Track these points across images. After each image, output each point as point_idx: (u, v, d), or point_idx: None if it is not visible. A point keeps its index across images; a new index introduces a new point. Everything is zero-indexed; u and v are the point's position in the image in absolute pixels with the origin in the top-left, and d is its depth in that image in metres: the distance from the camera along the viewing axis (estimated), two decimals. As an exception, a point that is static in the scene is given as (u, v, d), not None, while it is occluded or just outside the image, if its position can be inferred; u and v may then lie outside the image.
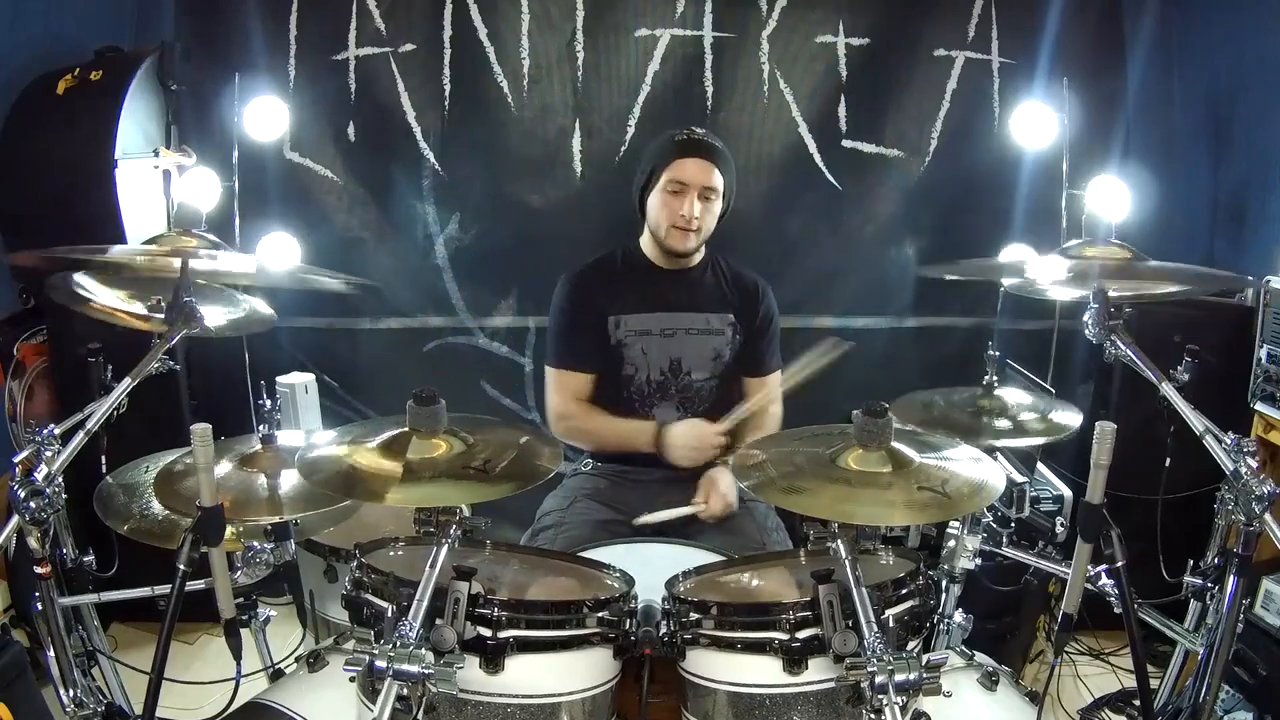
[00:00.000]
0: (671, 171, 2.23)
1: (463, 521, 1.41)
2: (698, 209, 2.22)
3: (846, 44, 2.97)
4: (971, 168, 3.04)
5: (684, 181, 2.22)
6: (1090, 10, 2.99)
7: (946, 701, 1.36)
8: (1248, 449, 1.47)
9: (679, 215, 2.23)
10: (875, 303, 3.13)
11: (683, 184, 2.22)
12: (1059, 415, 1.91)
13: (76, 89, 2.54)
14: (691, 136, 2.26)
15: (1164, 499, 2.21)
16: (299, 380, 2.81)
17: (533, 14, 2.92)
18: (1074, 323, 2.49)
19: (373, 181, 3.02)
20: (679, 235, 2.26)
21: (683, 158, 2.22)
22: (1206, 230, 3.03)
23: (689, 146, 2.24)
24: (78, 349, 2.00)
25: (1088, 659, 2.63)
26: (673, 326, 2.32)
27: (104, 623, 2.19)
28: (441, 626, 1.27)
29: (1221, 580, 1.63)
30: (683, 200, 2.22)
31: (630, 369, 2.32)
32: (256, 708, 1.55)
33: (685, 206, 2.22)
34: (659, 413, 2.33)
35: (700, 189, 2.22)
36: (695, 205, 2.22)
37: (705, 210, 2.24)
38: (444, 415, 1.47)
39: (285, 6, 2.92)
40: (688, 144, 2.24)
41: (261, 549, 1.66)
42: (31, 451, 1.51)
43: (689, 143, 2.24)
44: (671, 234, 2.26)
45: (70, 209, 2.52)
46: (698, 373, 2.33)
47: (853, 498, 1.39)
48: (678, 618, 1.45)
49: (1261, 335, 2.36)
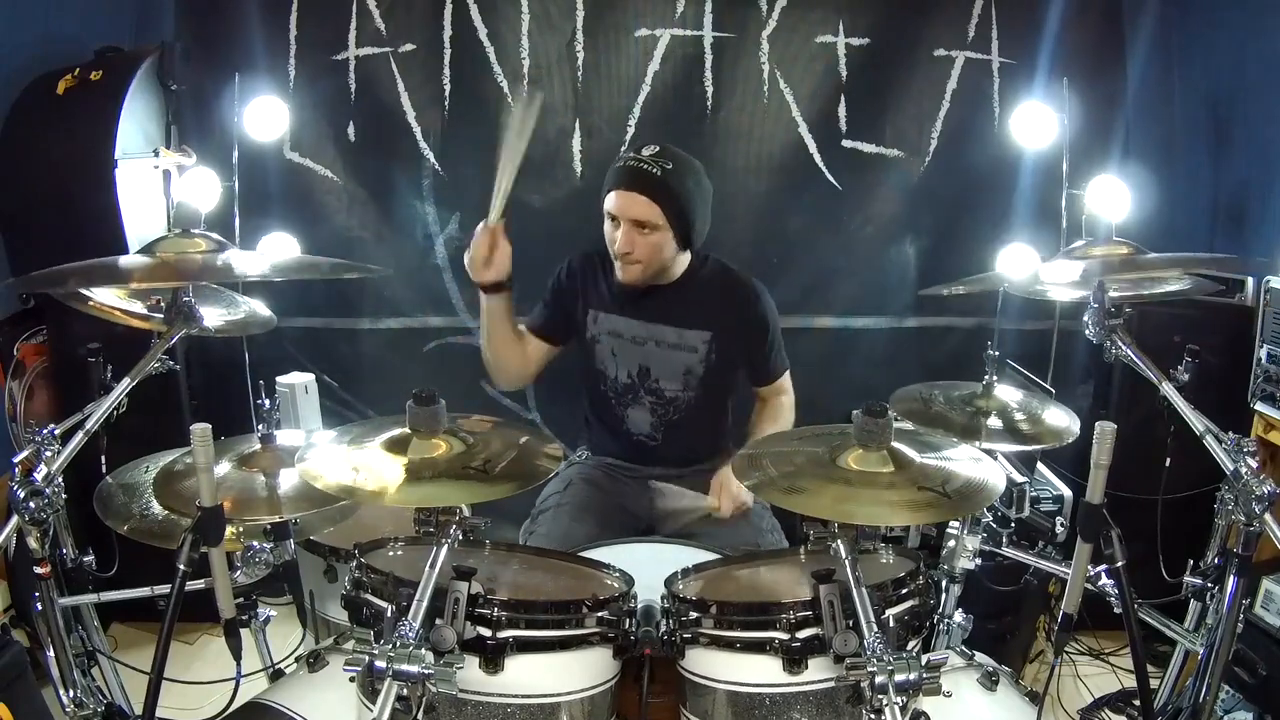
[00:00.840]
0: (609, 201, 2.12)
1: (463, 521, 1.41)
2: (634, 243, 2.09)
3: (846, 44, 2.97)
4: (971, 168, 3.03)
5: (613, 213, 2.12)
6: (1090, 10, 2.99)
7: (946, 701, 1.36)
8: (1248, 449, 1.48)
9: (615, 246, 2.14)
10: (875, 303, 3.13)
11: (613, 215, 2.12)
12: (1056, 421, 1.90)
13: (76, 89, 2.54)
14: (629, 164, 2.10)
15: (1164, 499, 2.22)
16: (299, 380, 2.81)
17: (533, 14, 2.92)
18: (1074, 323, 2.49)
19: (373, 181, 3.03)
20: (621, 267, 2.15)
21: (615, 189, 2.11)
22: (1206, 230, 3.03)
23: (622, 176, 2.10)
24: (78, 349, 2.00)
25: (1088, 659, 2.63)
26: (644, 336, 2.25)
27: (104, 623, 2.19)
28: (441, 626, 1.27)
29: (1221, 580, 1.63)
30: (617, 232, 2.12)
31: (601, 365, 2.30)
32: (256, 708, 1.55)
33: (620, 238, 2.11)
34: (633, 414, 2.30)
35: (632, 222, 2.09)
36: (631, 238, 2.09)
37: (645, 243, 2.09)
38: (444, 415, 1.47)
39: (285, 6, 2.92)
40: (621, 173, 2.10)
41: (261, 549, 1.66)
42: (31, 451, 1.51)
43: (623, 171, 2.10)
44: (617, 264, 2.16)
45: (70, 209, 2.52)
46: (667, 383, 2.27)
47: (853, 498, 1.39)
48: (677, 617, 1.45)
49: (1261, 335, 2.36)
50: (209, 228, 1.74)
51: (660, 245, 2.13)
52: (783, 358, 2.38)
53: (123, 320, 1.86)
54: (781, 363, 2.38)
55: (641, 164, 2.08)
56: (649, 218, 2.08)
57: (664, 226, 2.10)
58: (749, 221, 3.03)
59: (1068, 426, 1.87)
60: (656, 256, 2.14)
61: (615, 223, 2.13)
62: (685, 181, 2.11)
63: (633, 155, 2.11)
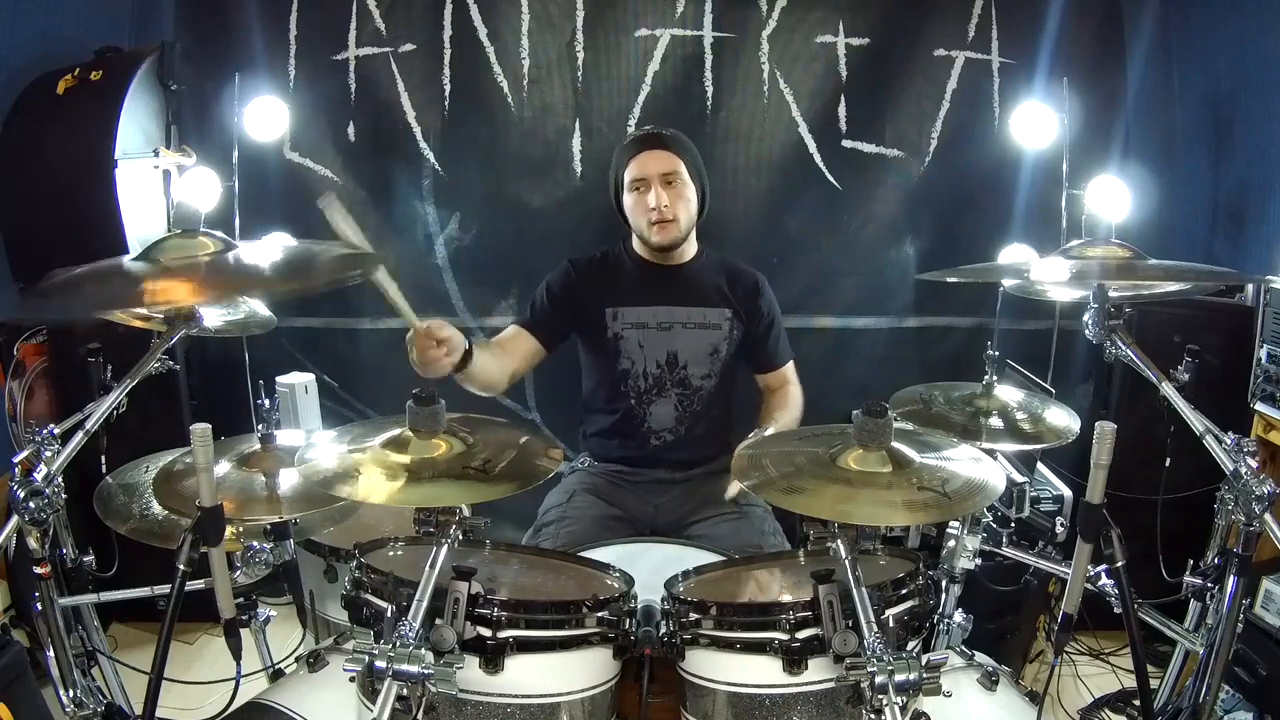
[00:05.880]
0: (631, 171, 2.26)
1: (463, 521, 1.41)
2: (665, 197, 2.23)
3: (846, 44, 2.97)
4: (971, 168, 3.04)
5: (643, 176, 2.24)
6: (1090, 10, 2.99)
7: (946, 701, 1.36)
8: (1248, 449, 1.47)
9: (650, 210, 2.23)
10: (875, 303, 3.13)
11: (643, 178, 2.24)
12: (1056, 421, 1.90)
13: (76, 89, 2.54)
14: (639, 133, 2.32)
15: (1164, 499, 2.21)
16: (299, 380, 2.81)
17: (533, 14, 2.92)
18: (1074, 323, 2.49)
19: (373, 181, 3.03)
20: (658, 230, 2.25)
21: (637, 154, 2.25)
22: (1206, 230, 3.03)
23: (639, 142, 2.28)
24: (78, 349, 2.01)
25: (1088, 659, 2.63)
26: (669, 320, 2.32)
27: (104, 623, 2.19)
28: (441, 626, 1.27)
29: (1221, 580, 1.63)
30: (648, 194, 2.24)
31: (627, 362, 2.31)
32: (256, 708, 1.54)
33: (652, 198, 2.23)
34: (657, 410, 2.32)
35: (659, 177, 2.23)
36: (662, 195, 2.22)
37: (675, 197, 2.24)
38: (444, 415, 1.47)
39: (285, 6, 2.93)
40: (638, 140, 2.29)
41: (261, 549, 1.66)
42: (31, 451, 1.51)
43: (639, 138, 2.30)
44: (651, 230, 2.26)
45: (70, 209, 2.53)
46: (694, 368, 2.32)
47: (853, 498, 1.39)
48: (677, 618, 1.45)
49: (1261, 335, 2.36)
50: (209, 228, 1.74)
51: (689, 200, 2.28)
52: (787, 345, 2.46)
53: (123, 320, 1.86)
54: (786, 350, 2.46)
55: (650, 130, 2.31)
56: (674, 168, 2.24)
57: (687, 180, 2.26)
58: (749, 221, 3.03)
59: (1068, 426, 1.87)
60: (687, 211, 2.28)
61: (642, 188, 2.25)
62: (688, 142, 2.32)
63: (634, 132, 2.31)
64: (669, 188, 2.24)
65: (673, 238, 2.27)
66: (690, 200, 2.27)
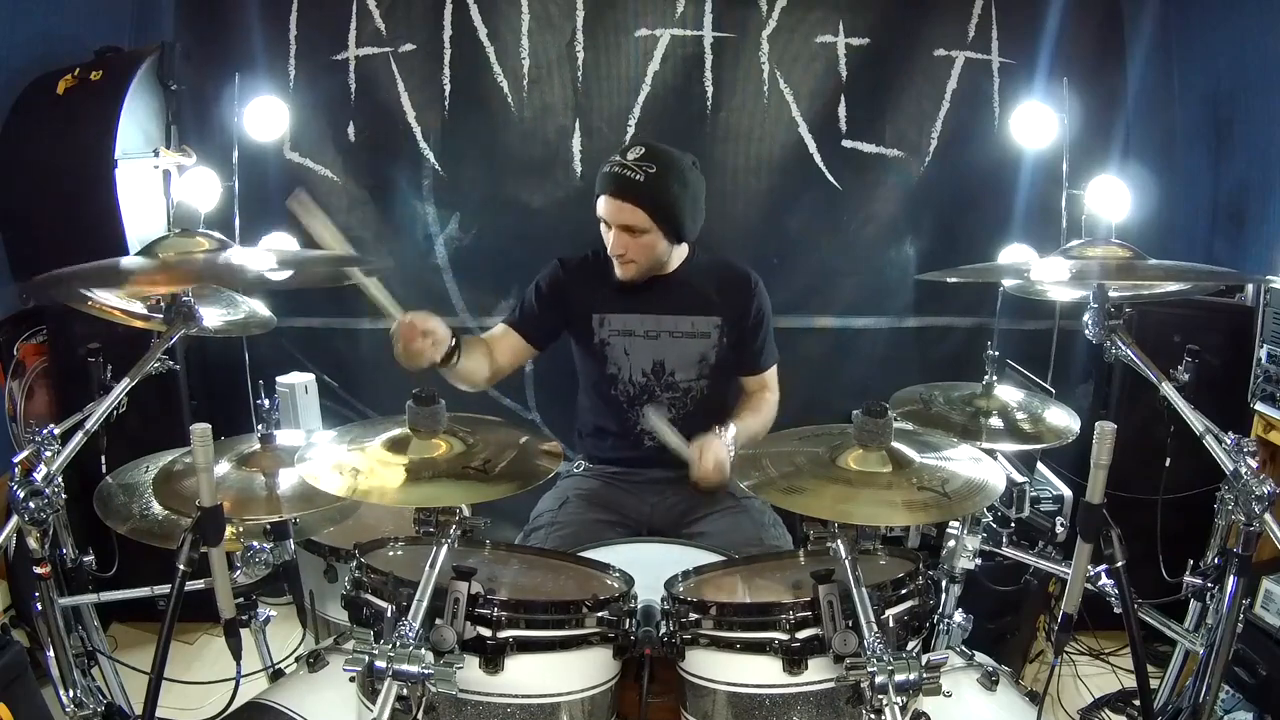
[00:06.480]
0: (599, 205, 2.15)
1: (462, 521, 1.41)
2: (623, 244, 2.12)
3: (846, 44, 2.97)
4: (971, 168, 3.04)
5: (605, 218, 2.14)
6: (1090, 10, 2.99)
7: (946, 701, 1.36)
8: (1248, 449, 1.48)
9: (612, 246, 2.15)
10: (875, 303, 3.13)
11: (605, 220, 2.14)
12: (1057, 421, 1.90)
13: (76, 89, 2.54)
14: (613, 170, 2.11)
15: (1164, 499, 2.22)
16: (299, 380, 2.81)
17: (533, 14, 2.92)
18: (1074, 323, 2.48)
19: (373, 181, 3.03)
20: (619, 266, 2.18)
21: (601, 194, 2.13)
22: (1206, 230, 3.03)
23: (607, 183, 2.12)
24: (77, 349, 2.01)
25: (1088, 659, 2.63)
26: (657, 329, 2.27)
27: (104, 623, 2.19)
28: (441, 626, 1.27)
29: (1221, 580, 1.63)
30: (609, 234, 2.14)
31: (613, 368, 2.29)
32: (256, 708, 1.54)
33: (610, 241, 2.14)
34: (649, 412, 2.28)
35: (618, 226, 2.12)
36: (621, 239, 2.12)
37: (633, 244, 2.13)
38: (444, 415, 1.47)
39: (285, 6, 2.93)
40: (607, 179, 2.12)
41: (261, 549, 1.66)
42: (31, 451, 1.51)
43: (608, 178, 2.12)
44: (615, 263, 2.18)
45: (70, 209, 2.53)
46: (682, 374, 2.28)
47: (853, 498, 1.39)
48: (677, 618, 1.45)
49: (1261, 335, 2.36)
50: (209, 228, 1.74)
51: (651, 245, 2.15)
52: (773, 349, 2.39)
53: (123, 320, 1.86)
54: (771, 354, 2.38)
55: (625, 169, 2.09)
56: (635, 222, 2.10)
57: (652, 229, 2.13)
58: (749, 221, 3.03)
59: (1068, 426, 1.87)
60: (649, 255, 2.17)
61: (607, 226, 2.15)
62: (669, 184, 2.11)
63: (617, 160, 2.11)
64: (630, 235, 2.12)
65: (631, 277, 2.19)
66: (652, 246, 2.15)
